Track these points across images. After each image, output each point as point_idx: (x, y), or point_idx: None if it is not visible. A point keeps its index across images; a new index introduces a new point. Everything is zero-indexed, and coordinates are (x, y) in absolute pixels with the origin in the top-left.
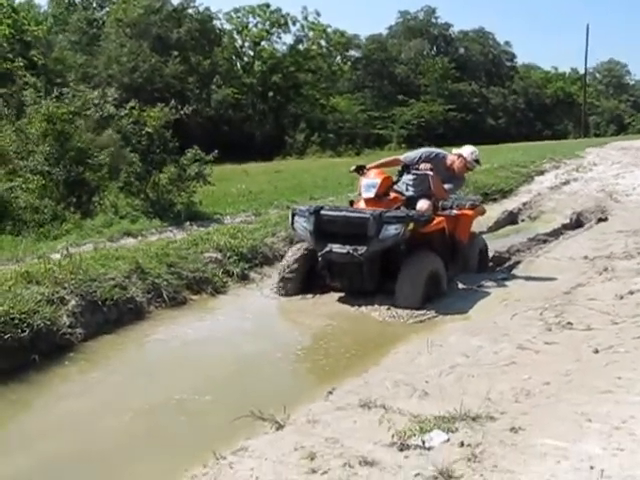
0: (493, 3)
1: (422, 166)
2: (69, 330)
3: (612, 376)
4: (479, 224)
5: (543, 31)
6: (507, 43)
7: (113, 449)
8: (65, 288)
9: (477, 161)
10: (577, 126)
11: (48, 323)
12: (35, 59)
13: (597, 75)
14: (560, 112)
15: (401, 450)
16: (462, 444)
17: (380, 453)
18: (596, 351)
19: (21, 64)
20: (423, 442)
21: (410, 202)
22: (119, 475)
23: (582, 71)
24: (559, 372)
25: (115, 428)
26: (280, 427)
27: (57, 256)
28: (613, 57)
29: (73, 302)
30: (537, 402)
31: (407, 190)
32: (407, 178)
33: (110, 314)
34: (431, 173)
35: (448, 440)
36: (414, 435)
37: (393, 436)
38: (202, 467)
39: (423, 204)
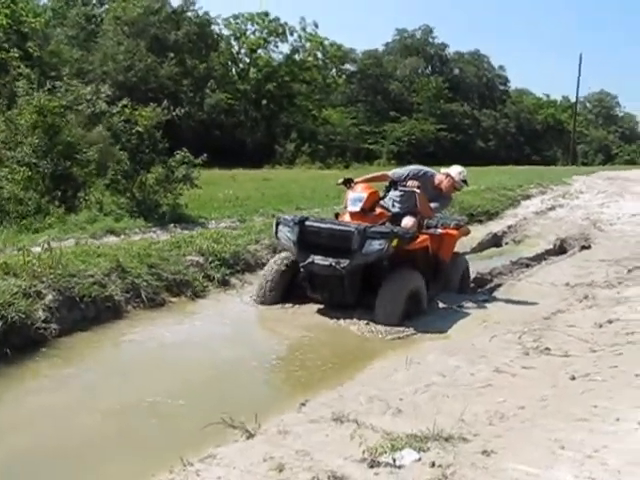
0: (489, 27)
1: (409, 183)
2: (44, 325)
3: (588, 404)
4: (463, 245)
5: (537, 58)
6: (501, 67)
7: (80, 448)
8: (43, 282)
9: (465, 181)
10: (566, 153)
11: (23, 316)
12: (31, 51)
13: (588, 104)
14: (550, 138)
15: (371, 467)
16: (433, 464)
17: (350, 469)
18: (573, 378)
19: (16, 55)
20: (394, 460)
21: (395, 218)
22: (85, 475)
23: (573, 99)
24: (535, 397)
25: (84, 427)
26: (250, 436)
27: (38, 249)
28: (604, 88)
29: (50, 297)
30: (511, 426)
31: (393, 206)
32: (394, 194)
33: (87, 311)
34: (418, 191)
35: (419, 459)
36: (385, 452)
37: (364, 452)
38: (168, 473)
39: (408, 221)
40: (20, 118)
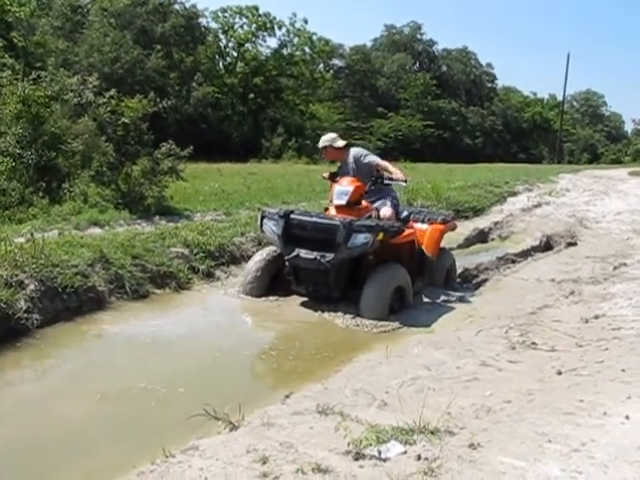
0: (477, 24)
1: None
2: (26, 315)
3: (574, 398)
4: (449, 240)
5: (524, 56)
6: (489, 64)
7: (61, 439)
8: (25, 272)
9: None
10: (552, 152)
11: (4, 306)
12: (15, 41)
13: (574, 103)
14: (536, 137)
15: (356, 459)
16: (419, 457)
17: (334, 461)
18: (559, 372)
19: (0, 45)
20: (379, 452)
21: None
22: (65, 466)
23: (560, 98)
24: (521, 391)
25: (65, 417)
26: (234, 428)
27: (21, 240)
28: (591, 87)
29: (32, 287)
30: (497, 419)
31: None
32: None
33: (70, 301)
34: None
35: (405, 452)
36: (370, 445)
37: (349, 444)
38: (150, 464)
39: (386, 211)
40: (4, 108)
